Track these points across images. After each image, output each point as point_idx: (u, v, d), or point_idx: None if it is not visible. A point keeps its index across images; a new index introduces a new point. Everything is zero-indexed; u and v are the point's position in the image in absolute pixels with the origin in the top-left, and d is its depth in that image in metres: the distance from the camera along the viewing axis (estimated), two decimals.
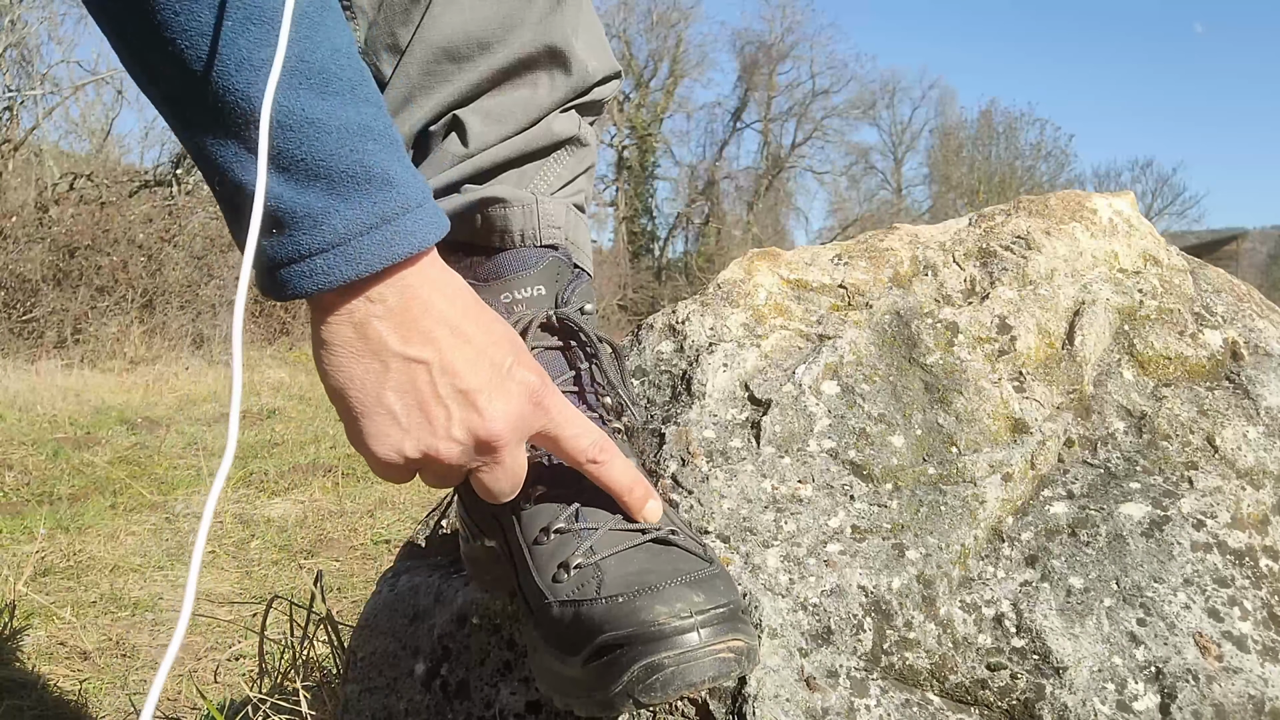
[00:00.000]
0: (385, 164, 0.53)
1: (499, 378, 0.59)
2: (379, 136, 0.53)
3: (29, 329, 7.73)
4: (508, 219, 0.74)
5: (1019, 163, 23.82)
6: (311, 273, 0.52)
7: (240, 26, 0.48)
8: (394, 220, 0.53)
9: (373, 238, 0.52)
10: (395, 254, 0.53)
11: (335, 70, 0.51)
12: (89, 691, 1.80)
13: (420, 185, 0.55)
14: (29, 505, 3.19)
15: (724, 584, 0.62)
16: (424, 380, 0.57)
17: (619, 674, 0.57)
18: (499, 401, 0.59)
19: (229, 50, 0.48)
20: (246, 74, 0.49)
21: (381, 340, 0.56)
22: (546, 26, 0.74)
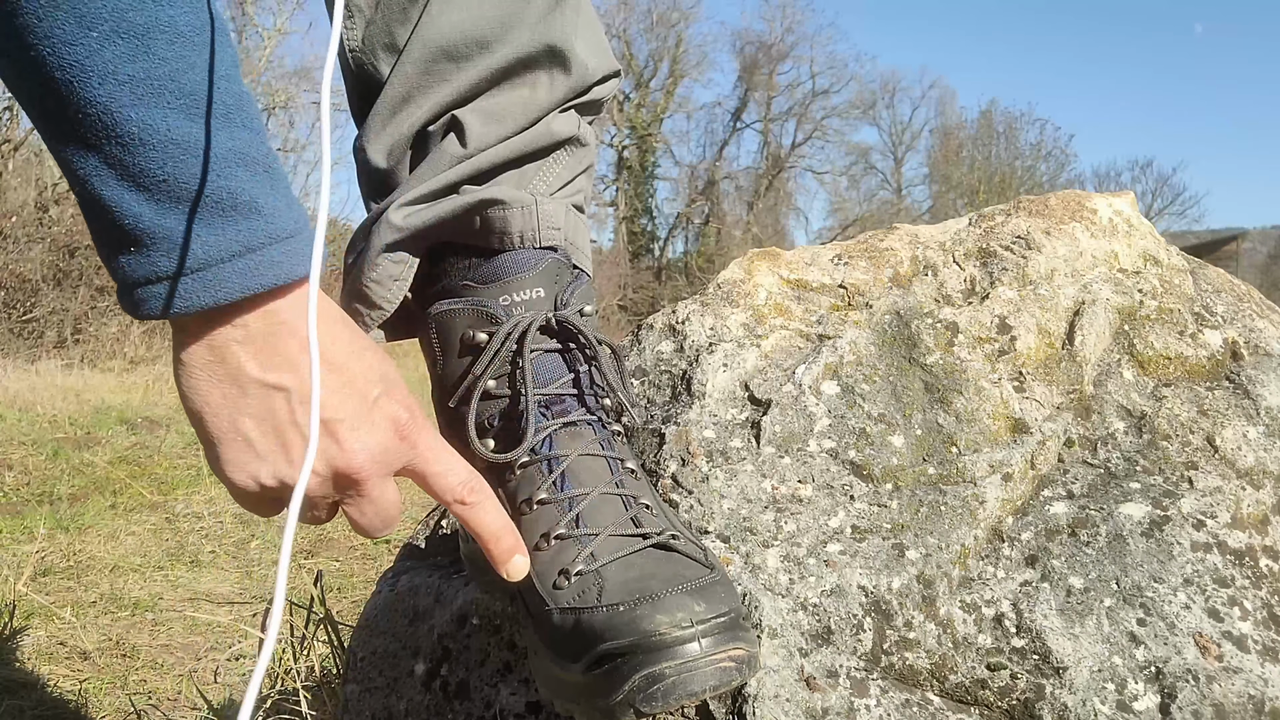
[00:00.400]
0: (254, 192, 0.52)
1: (364, 409, 0.57)
2: (251, 164, 0.52)
3: (29, 329, 7.73)
4: (507, 221, 0.74)
5: (1019, 163, 23.83)
6: (167, 295, 0.51)
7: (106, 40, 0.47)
8: (259, 250, 0.52)
9: (234, 266, 0.51)
10: (257, 284, 0.52)
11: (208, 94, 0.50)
12: (89, 691, 1.80)
13: (295, 217, 0.54)
14: (29, 505, 3.19)
15: (724, 591, 0.62)
16: (282, 408, 0.55)
17: (620, 683, 0.57)
18: (362, 433, 0.57)
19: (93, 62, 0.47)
20: (110, 88, 0.48)
21: (240, 366, 0.54)
22: (546, 25, 0.74)
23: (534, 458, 0.70)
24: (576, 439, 0.71)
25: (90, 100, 0.48)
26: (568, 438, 0.71)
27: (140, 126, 0.48)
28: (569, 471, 0.69)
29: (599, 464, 0.70)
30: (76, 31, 0.47)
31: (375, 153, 0.75)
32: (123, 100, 0.48)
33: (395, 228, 0.73)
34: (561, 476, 0.69)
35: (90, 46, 0.47)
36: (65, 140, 0.50)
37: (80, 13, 0.47)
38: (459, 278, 0.74)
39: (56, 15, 0.47)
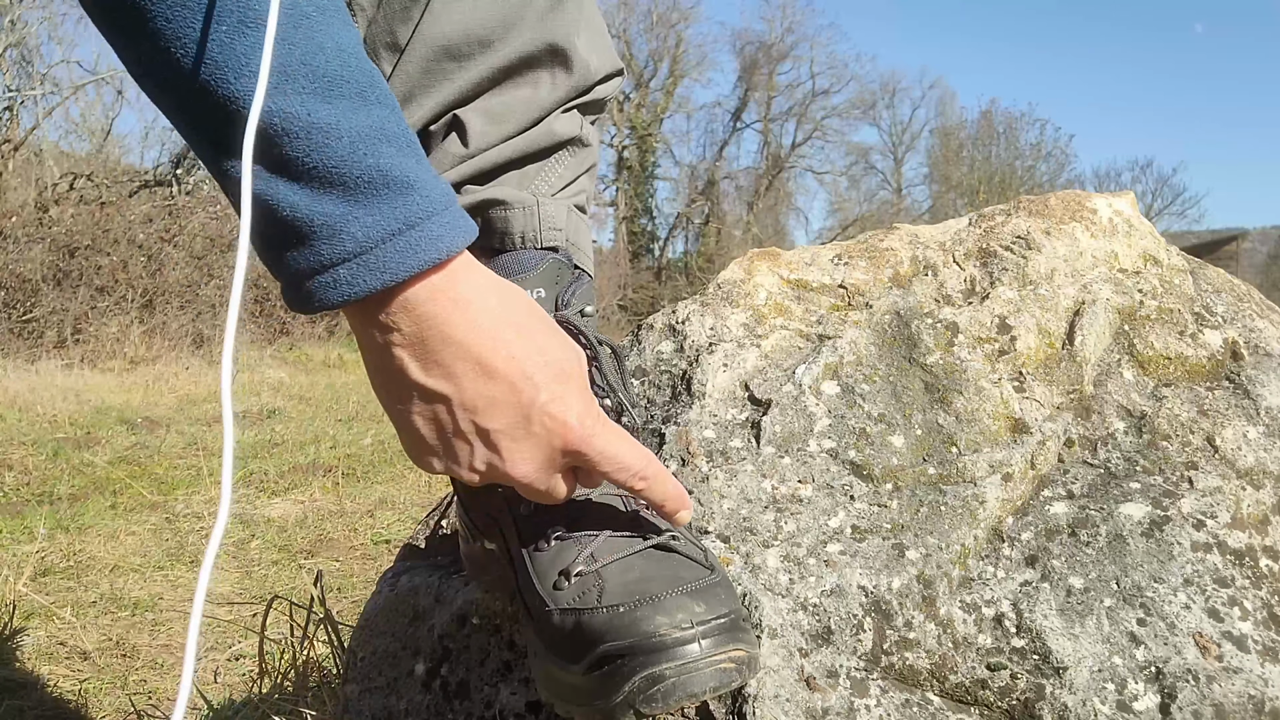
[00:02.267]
0: (403, 167, 0.51)
1: (523, 420, 0.56)
2: (394, 139, 0.51)
3: (29, 329, 7.73)
4: (508, 221, 0.74)
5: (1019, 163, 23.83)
6: (335, 283, 0.50)
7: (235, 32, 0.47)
8: (417, 226, 0.51)
9: (395, 244, 0.50)
10: (421, 261, 0.51)
11: (342, 73, 0.49)
12: (89, 691, 1.80)
13: (443, 189, 0.53)
14: (29, 505, 3.19)
15: (724, 592, 0.62)
16: (444, 414, 0.56)
17: (620, 684, 0.57)
18: (523, 445, 0.57)
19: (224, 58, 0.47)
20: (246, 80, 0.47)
21: (402, 369, 0.54)
22: (548, 24, 0.74)
23: None
24: None
25: (230, 97, 0.47)
26: None
27: (281, 116, 0.47)
28: None
29: None
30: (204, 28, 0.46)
31: None
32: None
33: None
34: None
35: (221, 41, 0.46)
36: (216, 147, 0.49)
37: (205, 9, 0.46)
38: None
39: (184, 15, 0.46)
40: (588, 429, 0.58)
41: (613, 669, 0.58)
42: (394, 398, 0.56)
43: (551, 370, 0.57)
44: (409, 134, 0.53)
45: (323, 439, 4.49)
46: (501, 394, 0.55)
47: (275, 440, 4.45)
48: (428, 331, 0.53)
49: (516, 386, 0.56)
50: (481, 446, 0.57)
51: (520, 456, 0.57)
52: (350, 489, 3.52)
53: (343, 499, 3.37)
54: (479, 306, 0.55)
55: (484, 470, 0.58)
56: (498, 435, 0.56)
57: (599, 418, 0.60)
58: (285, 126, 0.48)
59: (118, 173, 10.58)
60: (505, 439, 0.57)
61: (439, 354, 0.54)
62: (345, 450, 4.16)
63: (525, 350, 0.56)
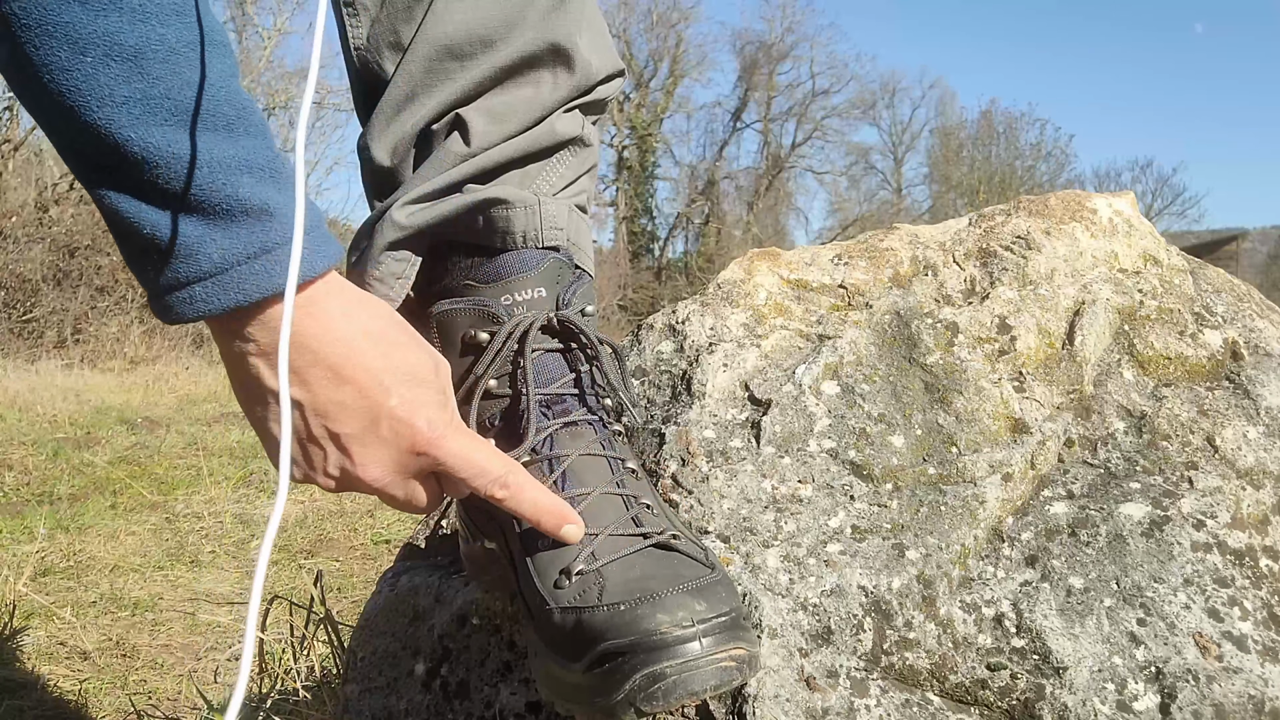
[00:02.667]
0: (262, 196, 0.53)
1: (372, 424, 0.59)
2: (256, 169, 0.53)
3: (29, 329, 7.73)
4: (510, 220, 0.74)
5: (1019, 163, 23.83)
6: (192, 299, 0.53)
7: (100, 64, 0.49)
8: (273, 250, 0.53)
9: (251, 267, 0.53)
10: (276, 284, 0.53)
11: (208, 107, 0.52)
12: (89, 691, 1.80)
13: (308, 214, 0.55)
14: (29, 505, 3.19)
15: (725, 591, 0.62)
16: (298, 419, 0.58)
17: (621, 682, 0.57)
18: (371, 449, 0.59)
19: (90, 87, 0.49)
20: (108, 110, 0.49)
21: (258, 376, 0.57)
22: (549, 24, 0.74)
23: (535, 457, 0.70)
24: (577, 439, 0.71)
25: (93, 124, 0.50)
26: (569, 437, 0.71)
27: (142, 146, 0.50)
28: (570, 471, 0.69)
29: (600, 464, 0.70)
30: (71, 58, 0.49)
31: (379, 151, 0.75)
32: (122, 121, 0.50)
33: (398, 226, 0.73)
34: (563, 476, 0.69)
35: (86, 71, 0.49)
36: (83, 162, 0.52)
37: (73, 39, 0.48)
38: (461, 277, 0.74)
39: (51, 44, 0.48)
40: (437, 432, 0.61)
41: (613, 667, 0.58)
42: (252, 404, 0.59)
43: (401, 375, 0.60)
44: (276, 163, 0.55)
45: None
46: (351, 399, 0.58)
47: None
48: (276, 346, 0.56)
49: (366, 391, 0.58)
50: (334, 451, 0.59)
51: (370, 460, 0.60)
52: None
53: (343, 499, 3.37)
54: (337, 321, 0.57)
55: (338, 475, 0.60)
56: (348, 439, 0.59)
57: (452, 424, 0.62)
58: (145, 155, 0.50)
59: None
60: (355, 443, 0.59)
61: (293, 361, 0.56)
62: None
63: (377, 357, 0.59)
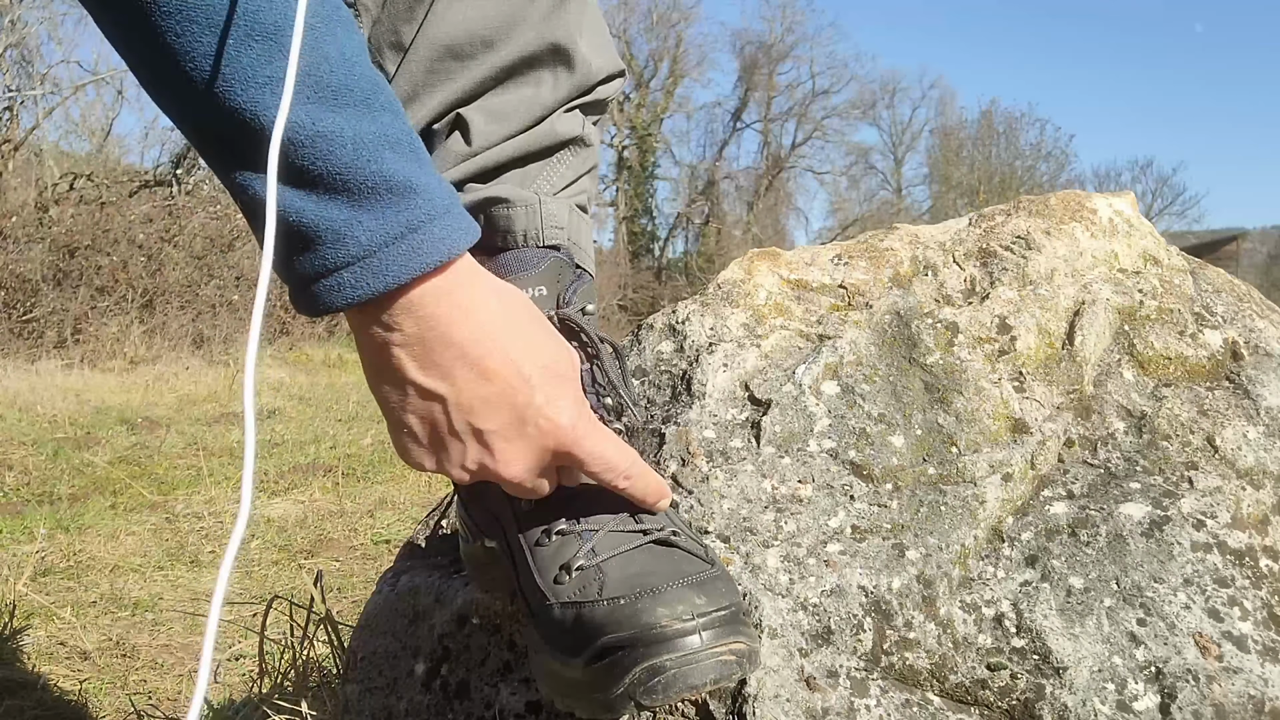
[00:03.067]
0: (406, 172, 0.52)
1: (517, 422, 0.58)
2: (397, 145, 0.52)
3: (29, 329, 7.73)
4: (511, 219, 0.74)
5: (1019, 163, 23.84)
6: (340, 287, 0.51)
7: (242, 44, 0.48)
8: (419, 229, 0.52)
9: (399, 247, 0.51)
10: (424, 263, 0.52)
11: (346, 82, 0.50)
12: (89, 691, 1.80)
13: (445, 191, 0.54)
14: (29, 505, 3.19)
15: (725, 586, 0.62)
16: (439, 413, 0.57)
17: (621, 676, 0.57)
18: (516, 446, 0.59)
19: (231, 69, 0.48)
20: (252, 92, 0.48)
21: (401, 368, 0.55)
22: (550, 24, 0.74)
23: None
24: None
25: (237, 108, 0.48)
26: None
27: (287, 125, 0.49)
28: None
29: None
30: (214, 41, 0.47)
31: None
32: (266, 102, 0.48)
33: None
34: None
35: (229, 55, 0.48)
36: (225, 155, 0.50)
37: (214, 22, 0.47)
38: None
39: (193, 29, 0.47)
40: (580, 431, 0.60)
41: (613, 661, 0.58)
42: (390, 396, 0.57)
43: (547, 373, 0.59)
44: (413, 138, 0.54)
45: (323, 439, 4.49)
46: (497, 395, 0.57)
47: (275, 440, 4.45)
48: (428, 332, 0.54)
49: (513, 388, 0.57)
50: (475, 446, 0.58)
51: (512, 457, 0.59)
52: (350, 489, 3.52)
53: (343, 499, 3.37)
54: (479, 309, 0.56)
55: (475, 470, 0.60)
56: (491, 436, 0.58)
57: (591, 419, 0.61)
58: (290, 135, 0.49)
59: (118, 173, 10.58)
60: (499, 439, 0.58)
61: (438, 355, 0.55)
62: (345, 450, 4.16)
63: (522, 353, 0.57)
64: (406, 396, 0.56)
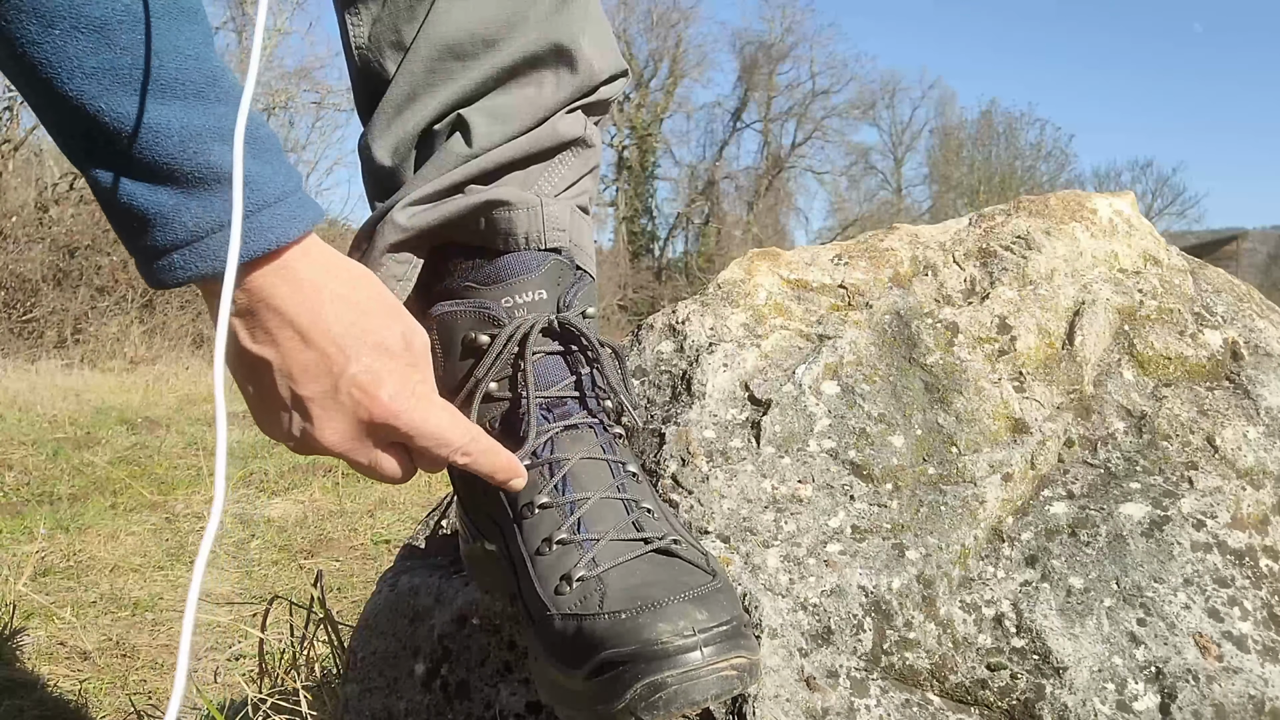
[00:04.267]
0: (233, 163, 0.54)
1: (332, 389, 0.60)
2: (229, 137, 0.54)
3: (29, 329, 7.73)
4: (512, 222, 0.74)
5: (1019, 163, 23.84)
6: (172, 266, 0.55)
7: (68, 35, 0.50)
8: (248, 217, 0.54)
9: (223, 235, 0.54)
10: (250, 250, 0.55)
11: (177, 76, 0.52)
12: (89, 691, 1.80)
13: (282, 182, 0.56)
14: (29, 505, 3.19)
15: (726, 599, 0.62)
16: (267, 379, 0.60)
17: (622, 691, 0.57)
18: (331, 413, 0.60)
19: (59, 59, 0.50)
20: (78, 82, 0.50)
21: (234, 337, 0.58)
22: (552, 24, 0.74)
23: (535, 461, 0.70)
24: (578, 442, 0.71)
25: (65, 96, 0.51)
26: (569, 441, 0.70)
27: (113, 116, 0.51)
28: (570, 475, 0.69)
29: (601, 468, 0.70)
30: (40, 31, 0.49)
31: (380, 151, 0.75)
32: (92, 93, 0.51)
33: (400, 228, 0.73)
34: (563, 480, 0.69)
35: (55, 44, 0.50)
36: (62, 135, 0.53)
37: (40, 12, 0.49)
38: (461, 279, 0.74)
39: (20, 17, 0.49)
40: (398, 404, 0.62)
41: (614, 675, 0.58)
42: (231, 364, 0.60)
43: (367, 343, 0.61)
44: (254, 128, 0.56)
45: None
46: (314, 362, 0.59)
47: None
48: (256, 304, 0.57)
49: (329, 355, 0.59)
50: (297, 414, 0.61)
51: (327, 424, 0.61)
52: (350, 489, 3.52)
53: (343, 499, 3.37)
54: (310, 285, 0.59)
55: (299, 437, 0.61)
56: (309, 401, 0.60)
57: (416, 394, 0.63)
58: (116, 126, 0.51)
59: None
60: (315, 406, 0.60)
61: (266, 323, 0.58)
62: None
63: (344, 324, 0.60)
64: (241, 362, 0.59)
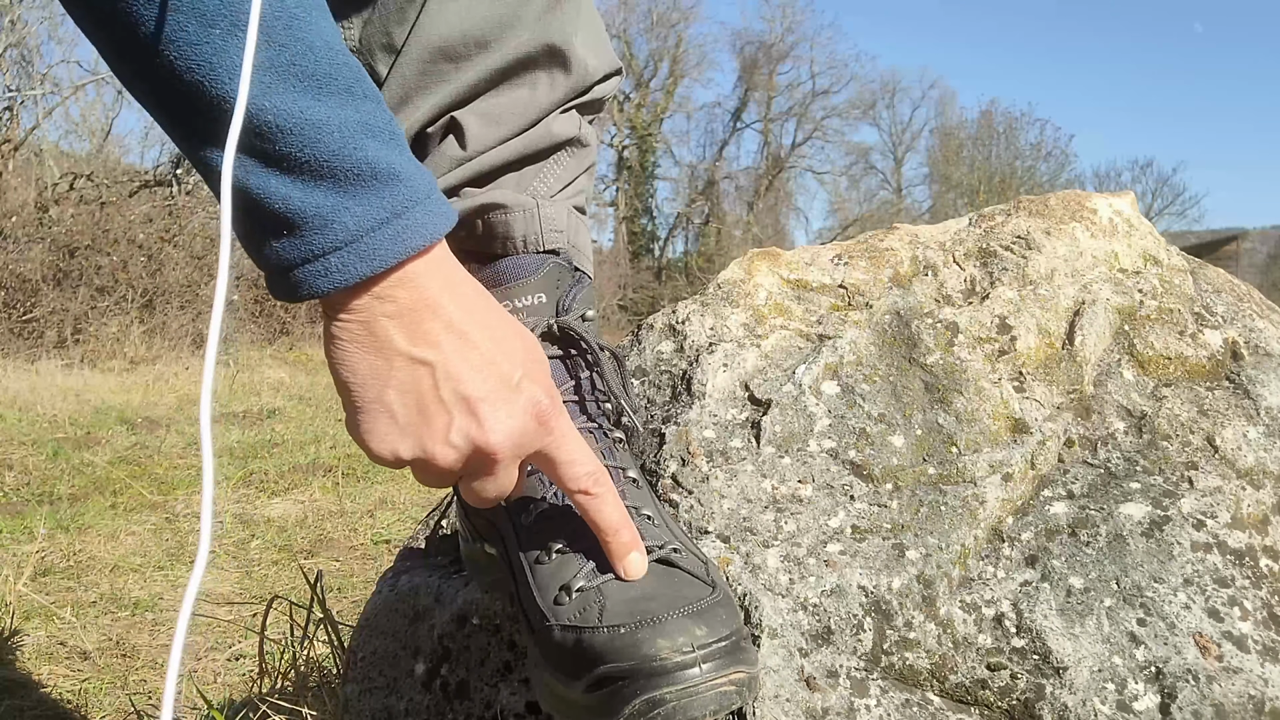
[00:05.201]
0: (389, 159, 0.53)
1: (505, 390, 0.58)
2: (378, 133, 0.53)
3: (29, 329, 7.73)
4: (509, 225, 0.74)
5: (1019, 163, 23.84)
6: (326, 272, 0.52)
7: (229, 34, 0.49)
8: (404, 214, 0.53)
9: (384, 233, 0.53)
10: (408, 248, 0.53)
11: (330, 71, 0.51)
12: (89, 691, 1.80)
13: (426, 177, 0.56)
14: (29, 505, 3.19)
15: (726, 612, 0.62)
16: (427, 383, 0.57)
17: (620, 706, 0.57)
18: (502, 413, 0.58)
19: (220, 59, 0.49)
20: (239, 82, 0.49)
21: (388, 338, 0.56)
22: (545, 25, 0.74)
23: (535, 467, 0.70)
24: None
25: (224, 97, 0.49)
26: None
27: (275, 114, 0.50)
28: None
29: None
30: (200, 31, 0.48)
31: None
32: (255, 92, 0.49)
33: None
34: None
35: (215, 44, 0.48)
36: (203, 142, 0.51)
37: (199, 11, 0.48)
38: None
39: (177, 18, 0.48)
40: (559, 409, 0.61)
41: (613, 691, 0.58)
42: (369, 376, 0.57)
43: (526, 350, 0.61)
44: (393, 125, 0.55)
45: (323, 439, 4.49)
46: (481, 361, 0.58)
47: (275, 440, 4.45)
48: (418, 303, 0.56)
49: (498, 354, 0.59)
50: (462, 415, 0.58)
51: (499, 424, 0.59)
52: (350, 489, 3.52)
53: (343, 499, 3.37)
54: (461, 284, 0.58)
55: (460, 443, 0.59)
56: (479, 402, 0.58)
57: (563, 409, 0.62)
58: (279, 123, 0.50)
59: (118, 173, 10.58)
60: (486, 405, 0.58)
61: (426, 324, 0.56)
62: (345, 450, 4.16)
63: (501, 322, 0.60)
64: (392, 369, 0.57)
